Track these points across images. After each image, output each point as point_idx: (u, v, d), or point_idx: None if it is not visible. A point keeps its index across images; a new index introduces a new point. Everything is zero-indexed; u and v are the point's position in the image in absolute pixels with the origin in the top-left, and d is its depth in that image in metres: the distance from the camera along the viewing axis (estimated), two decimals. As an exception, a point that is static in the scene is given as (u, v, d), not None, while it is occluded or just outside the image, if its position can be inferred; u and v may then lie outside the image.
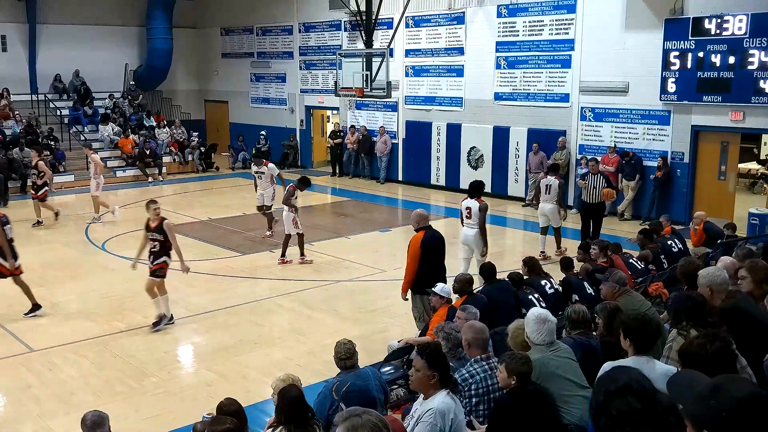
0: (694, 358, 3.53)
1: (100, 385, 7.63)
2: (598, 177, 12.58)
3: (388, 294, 10.49)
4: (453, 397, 4.37)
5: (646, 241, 9.83)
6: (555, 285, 8.00)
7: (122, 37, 25.20)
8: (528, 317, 5.04)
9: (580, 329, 5.56)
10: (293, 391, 4.45)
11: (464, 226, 10.48)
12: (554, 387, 4.63)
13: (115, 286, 11.13)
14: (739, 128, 14.53)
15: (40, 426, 6.82)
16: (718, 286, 5.22)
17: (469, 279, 7.46)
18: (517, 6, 17.48)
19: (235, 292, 10.90)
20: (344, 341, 5.47)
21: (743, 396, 2.15)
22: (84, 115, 23.37)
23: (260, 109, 25.22)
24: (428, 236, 8.22)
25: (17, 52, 23.38)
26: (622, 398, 2.39)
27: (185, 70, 27.13)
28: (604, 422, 2.41)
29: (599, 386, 2.54)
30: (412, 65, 20.12)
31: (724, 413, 2.12)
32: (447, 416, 4.22)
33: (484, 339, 5.23)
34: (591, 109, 16.45)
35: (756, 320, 4.72)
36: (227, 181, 21.87)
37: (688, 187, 15.12)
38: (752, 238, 11.06)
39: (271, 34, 24.48)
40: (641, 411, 2.36)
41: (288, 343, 8.89)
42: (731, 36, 13.78)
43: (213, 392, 7.23)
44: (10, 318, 9.68)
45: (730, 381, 2.30)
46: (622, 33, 15.58)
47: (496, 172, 18.25)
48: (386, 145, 20.74)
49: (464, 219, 10.44)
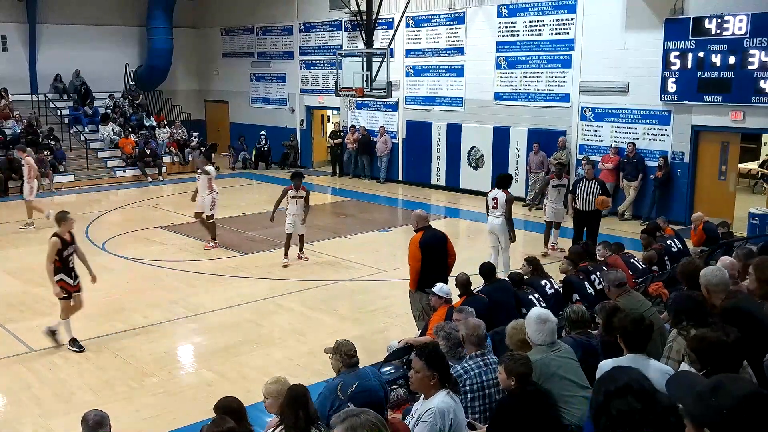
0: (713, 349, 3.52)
1: (100, 385, 7.63)
2: (593, 183, 11.94)
3: (388, 294, 10.50)
4: (453, 397, 4.37)
5: (651, 240, 9.77)
6: (555, 285, 8.01)
7: (122, 37, 25.20)
8: (528, 317, 5.04)
9: (580, 329, 5.56)
10: (301, 388, 4.43)
11: (489, 216, 11.11)
12: (555, 387, 4.63)
13: (115, 286, 11.13)
14: (739, 128, 14.53)
15: (40, 426, 6.82)
16: (717, 286, 5.22)
17: (467, 279, 7.45)
18: (517, 6, 17.48)
19: (235, 292, 10.89)
20: (345, 340, 5.45)
21: (743, 395, 2.15)
22: (84, 115, 23.37)
23: (260, 109, 25.22)
24: (428, 236, 8.22)
25: (17, 52, 23.38)
26: (622, 398, 2.39)
27: (185, 70, 27.13)
28: (604, 422, 2.40)
29: (599, 386, 2.53)
30: (412, 65, 20.12)
31: (724, 412, 2.12)
32: (447, 416, 4.22)
33: (478, 336, 5.23)
34: (591, 109, 16.45)
35: (757, 320, 4.72)
36: (227, 181, 21.85)
37: (689, 187, 15.12)
38: (752, 238, 11.07)
39: (271, 34, 24.48)
40: (641, 411, 2.36)
41: (288, 343, 8.89)
42: (731, 36, 13.78)
43: (213, 392, 7.21)
44: (10, 318, 9.68)
45: (730, 380, 2.30)
46: (622, 33, 15.58)
47: (496, 172, 18.19)
48: (386, 145, 20.73)
49: (490, 209, 11.05)
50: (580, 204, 11.97)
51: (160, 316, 9.79)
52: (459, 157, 19.10)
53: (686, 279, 6.07)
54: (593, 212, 11.95)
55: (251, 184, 21.63)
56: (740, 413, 2.11)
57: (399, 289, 8.53)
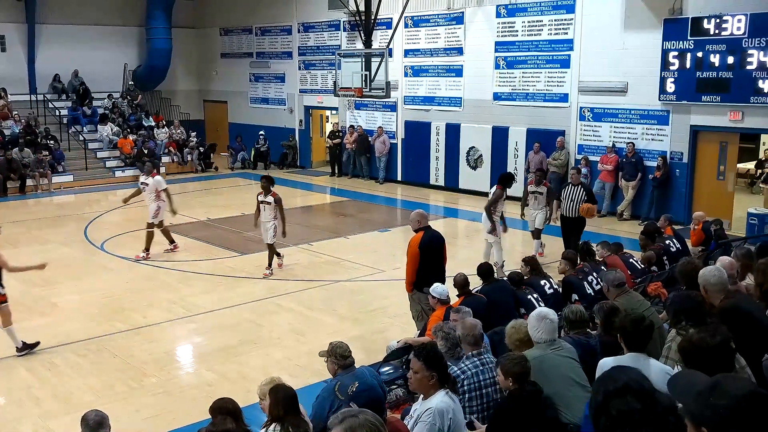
0: (694, 352, 3.53)
1: (100, 386, 7.63)
2: (578, 189, 11.47)
3: (387, 294, 10.51)
4: (452, 397, 4.38)
5: (649, 241, 9.77)
6: (555, 285, 8.01)
7: (121, 37, 25.18)
8: (530, 315, 5.07)
9: (578, 329, 5.57)
10: (286, 388, 4.48)
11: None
12: (554, 385, 4.62)
13: (115, 286, 11.14)
14: (737, 128, 14.54)
15: (39, 426, 6.82)
16: (715, 286, 5.23)
17: (464, 279, 7.45)
18: (516, 6, 17.49)
19: (234, 292, 10.90)
20: (338, 342, 5.47)
21: (742, 394, 2.15)
22: (83, 115, 23.36)
23: (259, 109, 25.22)
24: (427, 237, 8.21)
25: (16, 52, 23.36)
26: (622, 398, 2.39)
27: (184, 70, 27.12)
28: (603, 422, 2.41)
29: (598, 386, 2.54)
30: (411, 65, 20.13)
31: (721, 411, 2.12)
32: (446, 415, 4.23)
33: (474, 336, 5.24)
34: (590, 109, 16.46)
35: (756, 320, 4.73)
36: (226, 181, 21.87)
37: (687, 187, 15.13)
38: (751, 238, 11.08)
39: (270, 34, 24.48)
40: (641, 411, 2.36)
41: (287, 343, 8.89)
42: (730, 36, 13.80)
43: (213, 392, 7.20)
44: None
45: (729, 379, 2.31)
46: (621, 33, 15.59)
47: (495, 172, 18.22)
48: (385, 145, 20.73)
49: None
50: (565, 210, 11.56)
51: (159, 317, 9.79)
52: (458, 157, 19.11)
53: (685, 279, 6.08)
54: (577, 219, 11.48)
55: (250, 185, 21.58)
56: (738, 412, 2.11)
57: (398, 289, 8.53)
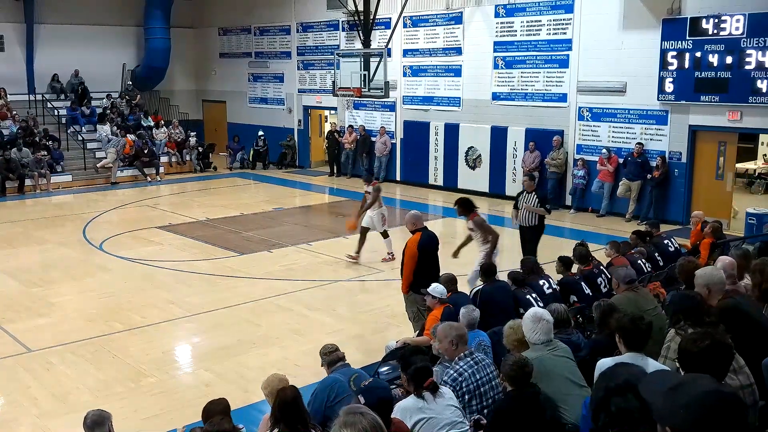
0: (686, 355, 3.54)
1: (99, 386, 7.62)
2: (532, 196, 10.89)
3: (387, 294, 10.49)
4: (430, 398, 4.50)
5: (639, 241, 9.82)
6: (553, 285, 8.00)
7: (120, 37, 25.15)
8: (525, 317, 5.07)
9: (558, 328, 5.59)
10: (290, 393, 4.42)
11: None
12: (552, 386, 4.64)
13: (113, 286, 11.13)
14: (736, 128, 14.54)
15: (38, 426, 6.81)
16: (715, 285, 5.23)
17: (451, 278, 7.48)
18: (514, 6, 17.49)
19: (233, 292, 10.88)
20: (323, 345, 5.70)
21: (701, 392, 2.14)
22: (81, 115, 23.31)
23: (258, 109, 25.21)
24: (425, 237, 8.22)
25: (14, 51, 23.33)
26: (622, 396, 2.40)
27: (183, 70, 27.11)
28: (603, 419, 2.41)
29: (600, 382, 2.54)
30: (409, 65, 20.13)
31: (681, 410, 2.11)
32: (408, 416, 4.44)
33: (462, 336, 5.28)
34: (589, 108, 16.47)
35: (754, 320, 4.74)
36: (225, 181, 21.86)
37: (686, 187, 15.14)
38: (749, 238, 11.08)
39: (268, 34, 24.47)
40: (640, 409, 2.37)
41: (286, 343, 8.88)
42: (729, 36, 13.80)
43: (211, 392, 7.19)
44: (9, 318, 9.66)
45: (693, 378, 2.29)
46: (619, 33, 15.60)
47: (493, 172, 18.26)
48: (386, 146, 20.73)
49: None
50: (520, 218, 11.05)
51: (158, 316, 9.77)
52: (456, 157, 19.11)
53: (686, 278, 6.08)
54: (532, 227, 10.96)
55: (249, 184, 21.61)
56: (696, 410, 2.10)
57: (397, 289, 8.52)
